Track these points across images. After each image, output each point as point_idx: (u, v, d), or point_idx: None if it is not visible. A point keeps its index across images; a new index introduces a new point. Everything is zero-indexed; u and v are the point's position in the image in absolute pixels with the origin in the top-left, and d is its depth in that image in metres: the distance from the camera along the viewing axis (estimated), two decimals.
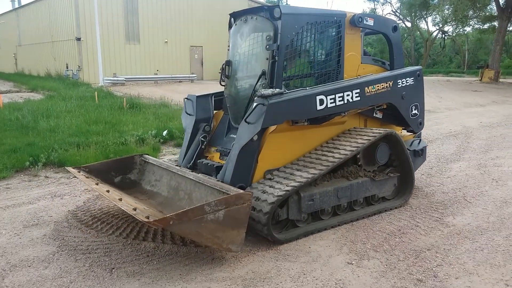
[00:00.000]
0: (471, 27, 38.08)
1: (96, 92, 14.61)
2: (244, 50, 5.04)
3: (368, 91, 5.01)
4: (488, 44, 48.84)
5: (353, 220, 4.72)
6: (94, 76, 22.82)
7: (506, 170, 6.86)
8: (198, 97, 5.35)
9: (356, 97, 4.87)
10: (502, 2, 29.40)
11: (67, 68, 24.29)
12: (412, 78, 5.55)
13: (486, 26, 36.12)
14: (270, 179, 4.32)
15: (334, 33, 5.01)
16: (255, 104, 4.26)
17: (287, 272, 3.56)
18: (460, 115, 13.24)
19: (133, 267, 3.63)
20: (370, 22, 5.29)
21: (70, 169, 5.00)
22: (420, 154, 5.84)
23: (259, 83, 4.62)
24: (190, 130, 5.21)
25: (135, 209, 3.61)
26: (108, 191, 4.22)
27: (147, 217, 3.27)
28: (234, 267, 3.63)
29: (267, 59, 4.61)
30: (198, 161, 5.02)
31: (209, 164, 4.81)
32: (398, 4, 48.47)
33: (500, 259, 3.78)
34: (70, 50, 24.30)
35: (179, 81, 25.37)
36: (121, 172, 5.26)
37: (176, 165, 4.95)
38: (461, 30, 39.42)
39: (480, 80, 30.33)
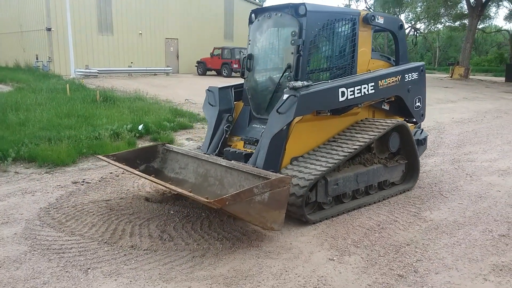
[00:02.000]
0: (442, 24, 39.00)
1: (67, 85, 14.13)
2: (267, 44, 5.38)
3: (381, 84, 5.41)
4: (458, 42, 50.24)
5: (369, 204, 5.13)
6: (66, 68, 22.07)
7: (479, 165, 7.04)
8: (220, 89, 5.58)
9: (371, 89, 5.26)
10: (473, 0, 30.21)
11: (37, 59, 23.39)
12: (417, 73, 6.00)
13: (457, 24, 37.08)
14: (297, 165, 4.65)
15: (349, 30, 5.34)
16: (286, 95, 4.56)
17: (269, 269, 3.52)
18: (433, 111, 13.54)
19: (109, 267, 3.50)
20: (381, 20, 5.73)
21: (101, 157, 5.22)
22: (423, 143, 6.40)
23: (285, 76, 4.95)
24: (214, 120, 5.45)
25: (190, 191, 3.96)
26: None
27: (207, 198, 3.62)
28: (215, 265, 3.55)
29: (292, 53, 4.91)
30: (225, 149, 5.29)
31: (237, 152, 5.11)
32: (372, 1, 49.09)
33: (477, 253, 3.85)
34: (40, 41, 23.39)
35: (154, 74, 24.90)
36: (145, 160, 5.45)
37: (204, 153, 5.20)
38: (433, 27, 40.30)
39: (451, 76, 31.14)
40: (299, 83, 4.58)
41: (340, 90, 4.89)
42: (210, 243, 3.97)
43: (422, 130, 6.52)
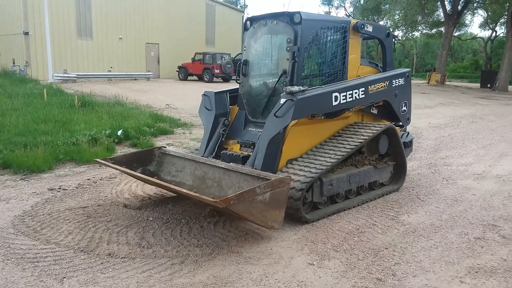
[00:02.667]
0: (419, 32, 39.88)
1: (45, 89, 13.84)
2: (263, 51, 5.58)
3: (370, 89, 5.66)
4: (435, 49, 51.44)
5: (360, 204, 5.35)
6: (43, 72, 21.66)
7: (455, 169, 7.20)
8: (216, 93, 5.74)
9: (362, 94, 5.50)
10: (449, 8, 31.02)
11: (13, 63, 22.89)
12: (403, 79, 6.27)
13: (433, 31, 37.99)
14: (292, 167, 4.83)
15: (341, 38, 5.57)
16: (283, 100, 4.74)
17: (249, 275, 3.51)
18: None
19: (86, 276, 3.42)
20: (370, 28, 5.97)
21: (100, 160, 5.25)
22: (409, 145, 6.66)
23: (280, 81, 5.17)
24: (210, 124, 5.61)
25: (195, 191, 4.03)
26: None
27: (212, 198, 3.75)
28: (194, 272, 3.52)
29: (288, 59, 5.10)
30: (222, 152, 5.43)
31: (234, 155, 5.25)
32: (352, 9, 49.93)
33: (454, 256, 3.92)
34: (17, 45, 22.90)
35: (134, 79, 24.67)
36: (141, 164, 5.50)
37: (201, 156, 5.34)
38: (410, 34, 41.17)
39: (428, 83, 31.84)
40: (295, 88, 4.77)
41: (334, 94, 5.11)
42: (190, 249, 3.93)
43: (408, 133, 6.79)
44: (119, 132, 8.69)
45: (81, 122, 9.48)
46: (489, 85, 29.51)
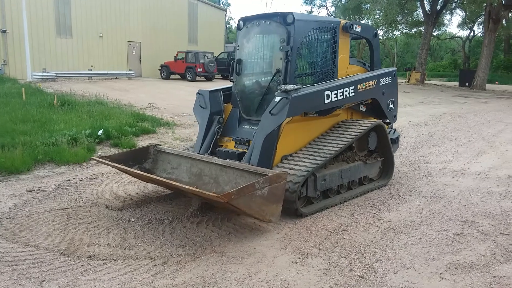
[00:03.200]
0: (399, 31, 40.46)
1: (23, 89, 13.53)
2: (256, 50, 5.69)
3: (360, 88, 5.86)
4: (415, 48, 52.28)
5: (351, 198, 5.54)
6: (22, 71, 21.14)
7: (435, 167, 7.33)
8: (210, 92, 5.81)
9: (352, 93, 5.70)
10: (428, 8, 31.55)
11: None
12: (390, 78, 6.48)
13: (413, 31, 38.59)
14: (288, 163, 4.96)
15: (331, 38, 5.75)
16: (278, 98, 4.89)
17: (232, 275, 3.50)
18: None
19: (66, 279, 3.36)
20: (358, 29, 6.15)
21: (96, 158, 5.28)
22: (396, 142, 6.86)
23: (274, 80, 5.30)
24: (205, 122, 5.68)
25: (196, 187, 4.10)
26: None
27: (214, 193, 3.84)
28: (177, 273, 3.49)
29: (281, 58, 5.23)
30: (217, 149, 5.53)
31: (230, 152, 5.35)
32: (333, 8, 50.30)
33: (434, 252, 3.99)
34: None
35: (116, 78, 24.31)
36: (137, 161, 5.53)
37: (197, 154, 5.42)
38: (391, 34, 41.73)
39: (408, 81, 32.34)
40: (290, 86, 4.90)
41: (326, 93, 5.29)
42: (172, 250, 3.90)
43: (395, 130, 7.01)
44: (100, 132, 8.56)
45: (60, 122, 9.30)
46: (467, 84, 30.14)
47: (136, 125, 9.75)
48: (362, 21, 35.39)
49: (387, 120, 6.63)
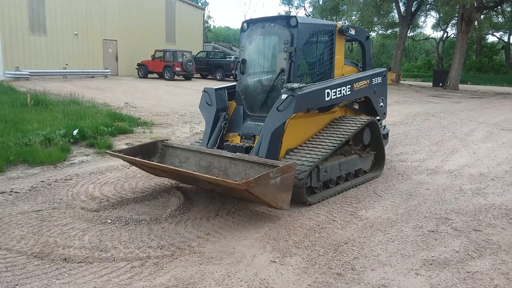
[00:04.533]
0: (375, 32, 41.10)
1: None
2: (260, 51, 6.05)
3: (355, 86, 6.29)
4: (390, 49, 53.20)
5: (349, 188, 5.95)
6: None
7: (410, 165, 7.49)
8: (215, 90, 6.12)
9: (348, 91, 6.12)
10: (403, 10, 32.18)
11: None
12: (381, 77, 6.97)
13: (389, 32, 39.27)
14: (295, 155, 5.35)
15: (329, 40, 6.16)
16: (285, 95, 5.24)
17: (211, 275, 3.48)
18: None
19: (40, 282, 3.28)
20: (352, 31, 6.60)
21: (110, 152, 5.58)
22: (386, 137, 7.32)
23: (278, 79, 5.67)
24: (212, 118, 5.98)
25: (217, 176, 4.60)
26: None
27: (235, 180, 4.30)
28: (155, 275, 3.45)
29: (285, 59, 5.61)
30: (225, 144, 5.86)
31: (237, 146, 5.71)
32: (311, 9, 50.68)
33: (409, 249, 4.08)
34: None
35: (91, 76, 23.86)
36: (146, 156, 5.65)
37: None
38: None
39: None
40: (295, 85, 5.27)
41: (326, 91, 5.68)
42: (150, 252, 3.86)
43: (385, 126, 7.42)
44: (75, 132, 8.38)
45: (34, 122, 9.06)
46: (441, 84, 30.86)
47: (113, 124, 9.58)
48: (339, 22, 35.80)
49: (378, 117, 7.01)
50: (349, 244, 4.16)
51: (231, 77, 27.44)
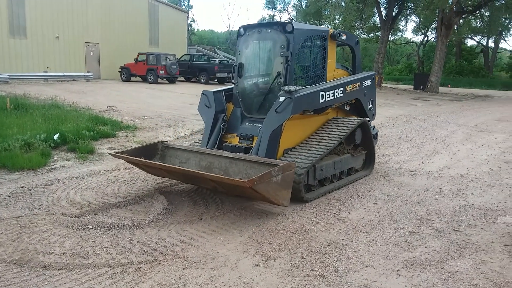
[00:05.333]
0: (358, 36, 41.57)
1: None
2: (257, 55, 6.29)
3: (347, 89, 6.60)
4: (372, 52, 53.88)
5: (342, 186, 6.23)
6: None
7: (391, 167, 7.59)
8: (214, 92, 6.32)
9: (341, 93, 6.43)
10: (384, 14, 32.67)
11: None
12: (370, 80, 7.29)
13: (370, 35, 39.79)
14: (293, 153, 5.62)
15: (321, 45, 6.44)
16: (283, 98, 5.45)
17: (194, 280, 3.47)
18: None
19: None
20: (344, 37, 6.89)
21: (113, 154, 5.72)
22: (375, 137, 7.56)
23: (275, 82, 5.93)
24: (211, 120, 6.18)
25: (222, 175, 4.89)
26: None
27: (240, 179, 4.60)
28: (137, 281, 3.41)
29: (281, 63, 5.85)
30: (224, 144, 6.09)
31: (236, 146, 5.93)
32: (295, 13, 51.06)
33: (391, 250, 4.13)
34: None
35: (73, 80, 23.53)
36: (147, 157, 5.77)
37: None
38: None
39: None
40: (292, 88, 5.51)
41: (321, 93, 5.97)
42: (132, 257, 3.81)
43: (374, 127, 7.68)
44: (56, 136, 8.24)
45: (13, 126, 8.88)
46: (421, 87, 31.38)
47: (95, 128, 9.46)
48: (322, 26, 36.12)
49: (367, 118, 7.31)
50: (332, 246, 4.19)
51: (215, 80, 27.49)
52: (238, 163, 5.32)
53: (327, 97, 6.10)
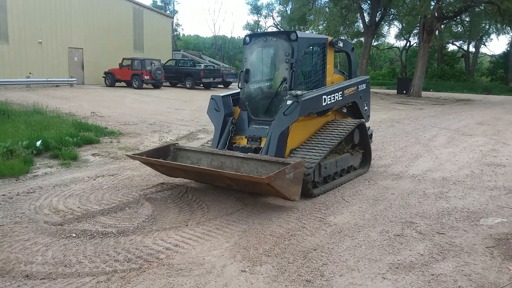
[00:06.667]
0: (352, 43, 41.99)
1: None
2: (264, 62, 6.80)
3: (346, 93, 7.10)
4: (356, 57, 54.50)
5: (343, 183, 6.67)
6: None
7: (376, 171, 7.67)
8: (222, 97, 6.68)
9: (340, 97, 6.93)
10: (368, 20, 33.10)
11: None
12: (365, 84, 7.83)
13: (354, 41, 40.22)
14: (299, 152, 6.05)
15: (321, 52, 6.96)
16: (290, 101, 5.91)
17: None
18: None
19: None
20: (341, 44, 7.48)
21: (132, 156, 6.17)
22: (370, 137, 7.99)
23: (282, 87, 6.34)
24: (221, 123, 6.52)
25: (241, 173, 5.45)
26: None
27: (259, 176, 5.07)
28: None
29: (287, 69, 6.30)
30: (234, 145, 6.46)
31: (246, 147, 6.30)
32: (279, 18, 51.38)
33: (376, 253, 4.16)
34: None
35: (56, 85, 23.19)
36: (160, 158, 6.04)
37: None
38: None
39: None
40: (299, 92, 5.96)
41: (323, 97, 6.46)
42: (116, 265, 3.76)
43: (369, 127, 7.96)
44: (38, 143, 8.11)
45: None
46: (404, 91, 31.78)
47: (78, 135, 9.34)
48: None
49: (363, 120, 7.68)
50: (318, 250, 4.21)
51: (201, 85, 27.42)
52: (250, 163, 5.71)
53: (329, 101, 6.58)
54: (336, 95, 6.79)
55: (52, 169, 7.27)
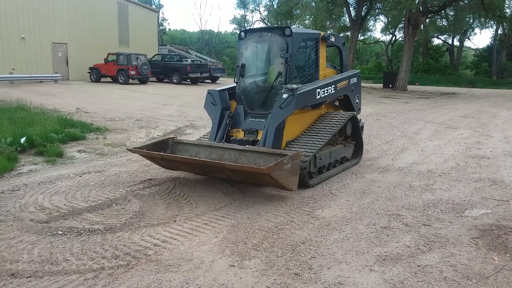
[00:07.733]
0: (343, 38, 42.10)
1: None
2: (259, 57, 6.89)
3: (338, 86, 7.29)
4: None
5: (337, 173, 6.92)
6: None
7: (363, 164, 7.74)
8: (219, 91, 6.82)
9: (333, 90, 7.12)
10: (354, 14, 33.23)
11: None
12: (356, 78, 8.05)
13: (341, 35, 40.37)
14: (296, 144, 6.25)
15: (314, 46, 7.12)
16: (286, 95, 6.05)
17: (168, 283, 3.42)
18: None
19: None
20: (333, 39, 7.65)
21: (132, 149, 6.20)
22: (362, 129, 8.18)
23: (277, 81, 6.49)
24: (218, 117, 6.67)
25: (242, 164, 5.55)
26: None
27: (259, 166, 5.24)
28: (109, 287, 3.34)
29: (282, 64, 6.45)
30: (231, 138, 6.60)
31: (244, 140, 6.46)
32: (266, 13, 51.25)
33: (363, 246, 4.20)
34: None
35: (40, 81, 22.80)
36: (159, 152, 6.10)
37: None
38: None
39: None
40: (294, 86, 6.10)
41: (317, 90, 6.62)
42: (104, 262, 3.73)
43: (360, 119, 8.18)
44: (22, 140, 7.98)
45: None
46: (390, 85, 32.04)
47: (63, 131, 9.20)
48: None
49: (354, 112, 7.81)
50: (307, 244, 4.24)
51: (188, 80, 27.25)
52: (248, 155, 5.82)
53: (322, 94, 6.74)
54: (329, 89, 6.97)
55: (37, 166, 7.17)
